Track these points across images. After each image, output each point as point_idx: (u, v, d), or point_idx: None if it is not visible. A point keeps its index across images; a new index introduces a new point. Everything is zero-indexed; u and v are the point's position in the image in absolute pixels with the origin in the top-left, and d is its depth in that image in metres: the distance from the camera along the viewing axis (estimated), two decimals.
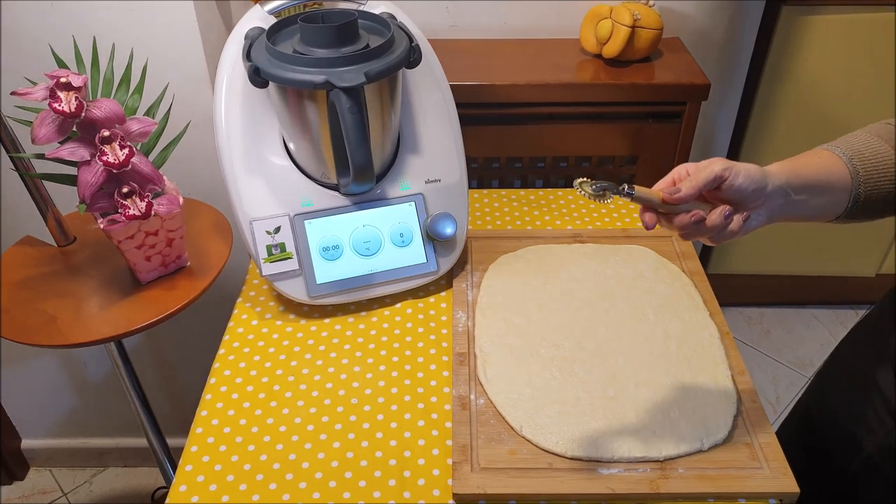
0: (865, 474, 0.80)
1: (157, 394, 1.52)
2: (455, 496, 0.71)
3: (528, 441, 0.75)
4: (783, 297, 2.02)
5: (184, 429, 0.81)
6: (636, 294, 0.92)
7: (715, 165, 0.63)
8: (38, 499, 1.63)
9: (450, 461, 0.74)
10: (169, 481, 1.13)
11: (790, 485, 0.71)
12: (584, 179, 0.65)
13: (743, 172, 0.63)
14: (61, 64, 0.87)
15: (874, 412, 0.79)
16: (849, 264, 1.89)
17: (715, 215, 0.62)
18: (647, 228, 0.64)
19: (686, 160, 1.24)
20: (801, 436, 0.93)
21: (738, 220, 0.63)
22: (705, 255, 1.87)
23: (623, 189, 0.62)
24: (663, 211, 0.64)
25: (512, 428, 0.76)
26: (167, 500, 0.72)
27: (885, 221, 1.73)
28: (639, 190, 0.62)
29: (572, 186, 1.19)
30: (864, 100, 1.55)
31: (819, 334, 1.96)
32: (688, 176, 0.64)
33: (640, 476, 0.72)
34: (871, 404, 0.79)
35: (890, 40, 1.45)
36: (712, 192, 0.64)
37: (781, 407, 1.76)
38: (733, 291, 1.94)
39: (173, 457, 1.19)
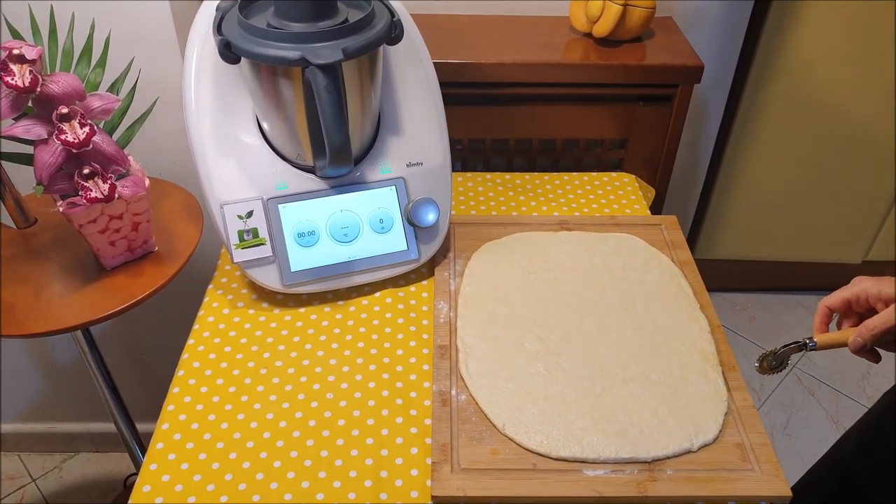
0: None
1: (126, 378, 1.46)
2: (434, 498, 0.67)
3: (511, 440, 0.72)
4: (769, 282, 2.00)
5: (155, 414, 0.77)
6: (625, 285, 0.89)
7: None
8: (6, 485, 1.58)
9: (429, 461, 0.71)
10: (139, 469, 1.09)
11: (782, 488, 0.68)
12: (763, 355, 0.73)
13: None
14: (15, 34, 0.81)
15: None
16: (835, 251, 1.87)
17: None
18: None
19: (676, 145, 1.20)
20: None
21: None
22: (690, 241, 1.85)
23: (806, 345, 0.70)
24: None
25: (494, 426, 0.73)
26: (129, 501, 0.68)
27: (872, 209, 1.73)
28: (820, 342, 0.70)
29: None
30: (856, 83, 1.52)
31: (804, 321, 1.95)
32: (867, 302, 0.70)
33: (627, 478, 0.69)
34: None
35: (882, 24, 1.43)
36: None
37: (765, 394, 1.75)
38: (719, 277, 1.92)
39: (143, 442, 1.15)
